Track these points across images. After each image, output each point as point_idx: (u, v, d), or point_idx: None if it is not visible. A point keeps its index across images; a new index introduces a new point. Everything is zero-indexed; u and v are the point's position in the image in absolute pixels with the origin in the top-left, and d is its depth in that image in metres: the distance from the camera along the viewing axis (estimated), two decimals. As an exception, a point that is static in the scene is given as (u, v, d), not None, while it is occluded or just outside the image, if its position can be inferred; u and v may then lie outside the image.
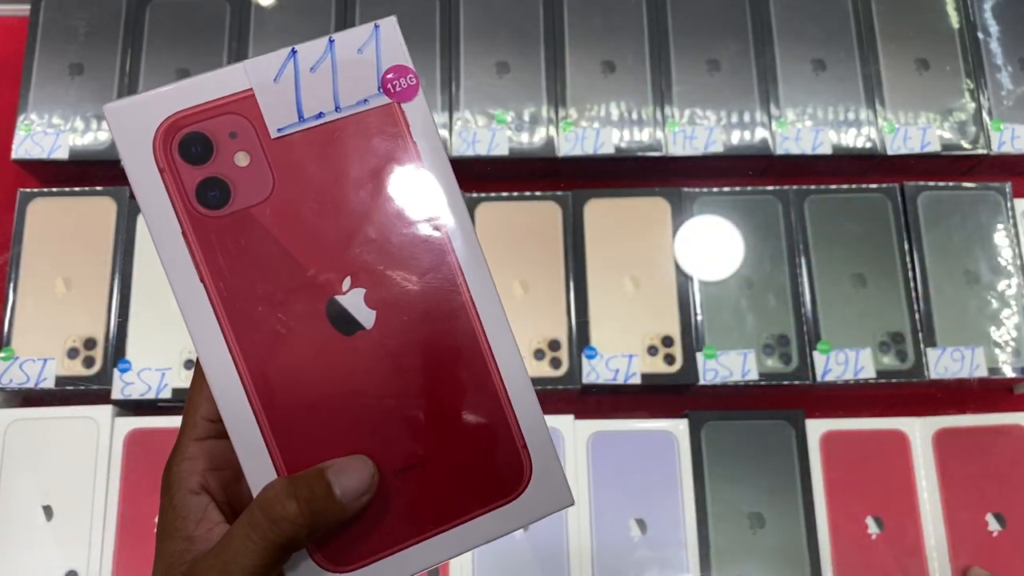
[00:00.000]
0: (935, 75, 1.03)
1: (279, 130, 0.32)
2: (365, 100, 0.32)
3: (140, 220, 0.96)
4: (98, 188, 0.97)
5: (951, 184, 0.99)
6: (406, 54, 0.32)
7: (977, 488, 0.89)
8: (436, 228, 0.32)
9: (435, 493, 0.32)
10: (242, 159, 0.31)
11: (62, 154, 0.98)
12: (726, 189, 0.98)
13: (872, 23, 1.04)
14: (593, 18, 1.03)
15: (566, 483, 0.33)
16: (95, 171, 1.00)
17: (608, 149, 0.98)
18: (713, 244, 0.95)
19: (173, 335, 0.93)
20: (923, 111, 1.01)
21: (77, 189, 0.97)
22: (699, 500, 0.87)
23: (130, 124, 0.31)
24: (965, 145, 1.00)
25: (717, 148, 0.99)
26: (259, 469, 0.32)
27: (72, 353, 0.92)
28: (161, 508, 0.33)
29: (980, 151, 1.00)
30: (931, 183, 0.98)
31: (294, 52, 0.31)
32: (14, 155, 0.97)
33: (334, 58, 0.32)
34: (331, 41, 0.31)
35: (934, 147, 1.00)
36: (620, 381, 0.90)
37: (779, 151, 0.99)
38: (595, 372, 0.90)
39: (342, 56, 0.32)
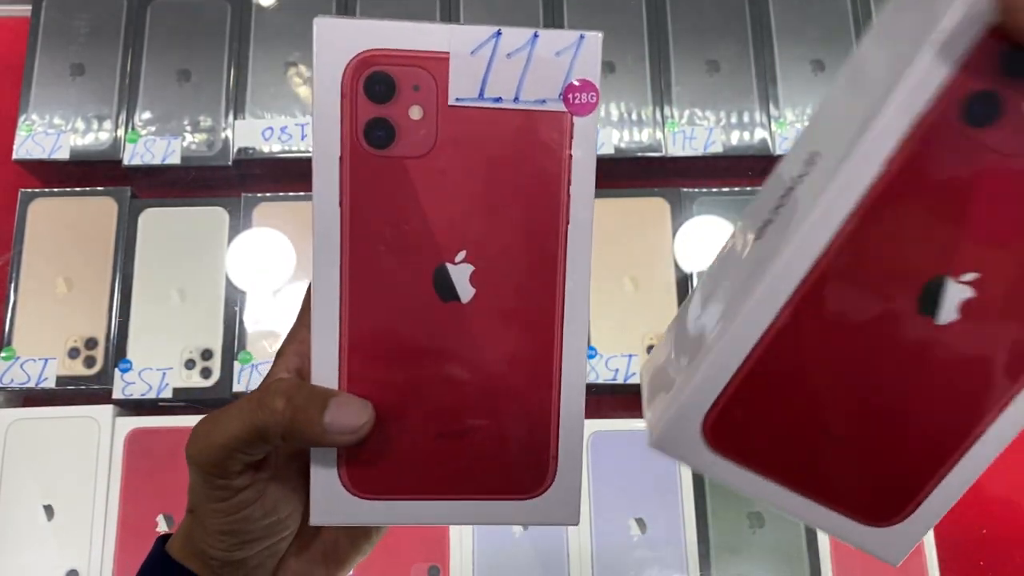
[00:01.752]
0: (934, 75, 1.03)
1: (457, 99, 0.33)
2: (543, 100, 0.33)
3: (140, 220, 0.97)
4: (99, 188, 0.97)
5: (950, 184, 0.99)
6: (598, 73, 0.33)
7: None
8: (555, 241, 0.34)
9: (465, 464, 0.35)
10: (416, 112, 0.33)
11: (63, 154, 0.98)
12: (726, 189, 0.98)
13: (872, 23, 1.05)
14: (593, 18, 1.04)
15: (578, 505, 0.35)
16: (96, 171, 1.00)
17: (608, 149, 0.98)
18: (713, 244, 0.96)
19: (174, 335, 0.93)
20: (922, 111, 1.01)
21: (78, 189, 0.97)
22: (699, 500, 0.88)
23: (333, 42, 0.32)
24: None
25: (717, 148, 0.99)
26: (325, 374, 0.34)
27: (73, 353, 0.92)
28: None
29: (979, 151, 1.00)
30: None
31: (499, 33, 0.32)
32: (15, 155, 0.97)
33: (532, 52, 0.33)
34: (535, 35, 0.33)
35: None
36: (620, 381, 0.90)
37: (779, 151, 0.99)
38: (595, 372, 0.90)
39: (540, 53, 0.33)
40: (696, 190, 0.98)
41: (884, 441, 0.32)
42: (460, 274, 0.34)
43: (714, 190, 0.98)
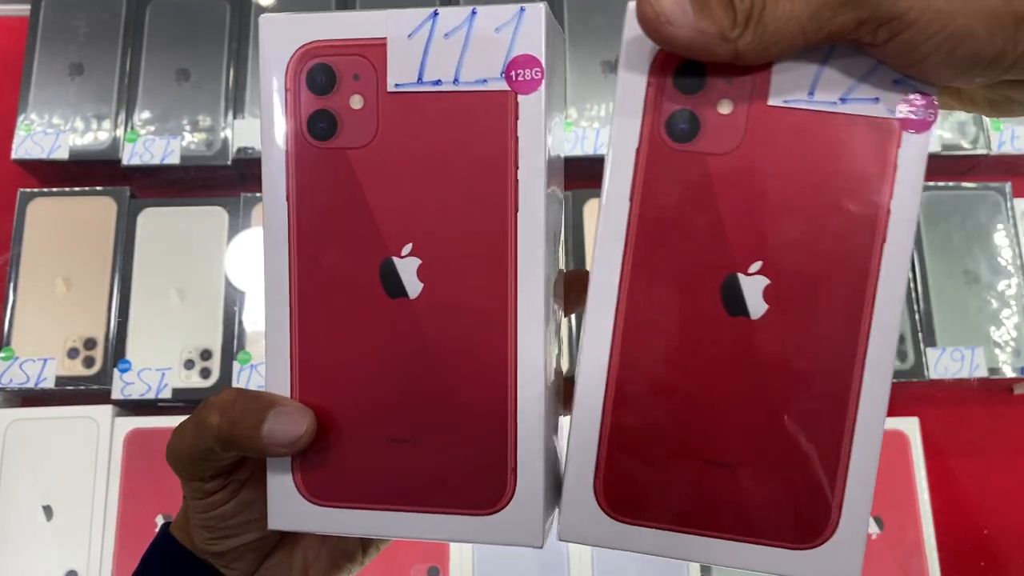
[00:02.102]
0: (935, 75, 1.03)
1: (396, 85, 0.32)
2: (484, 80, 0.31)
3: (140, 220, 0.97)
4: (98, 188, 0.97)
5: (951, 184, 0.99)
6: (542, 47, 0.31)
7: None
8: (503, 232, 0.32)
9: (419, 473, 0.33)
10: (356, 102, 0.32)
11: (62, 154, 0.97)
12: (726, 189, 0.98)
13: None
14: (593, 18, 1.03)
15: (541, 526, 0.32)
16: (95, 171, 1.00)
17: (606, 148, 0.98)
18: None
19: (173, 335, 0.93)
20: (923, 111, 1.01)
21: (77, 189, 0.97)
22: (699, 500, 0.87)
23: (277, 38, 0.32)
24: (965, 145, 1.00)
25: (717, 148, 0.99)
26: (277, 379, 0.33)
27: (72, 353, 0.92)
28: None
29: (980, 151, 1.00)
30: (931, 183, 0.98)
31: (435, 14, 0.31)
32: (14, 155, 0.97)
33: (470, 30, 0.31)
34: (473, 12, 0.31)
35: (934, 147, 0.99)
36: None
37: (779, 151, 0.99)
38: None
39: (479, 31, 0.31)
40: (696, 190, 0.98)
41: (768, 455, 0.31)
42: (407, 268, 0.32)
43: (714, 190, 0.98)
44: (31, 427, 0.89)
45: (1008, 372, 0.93)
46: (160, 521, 0.87)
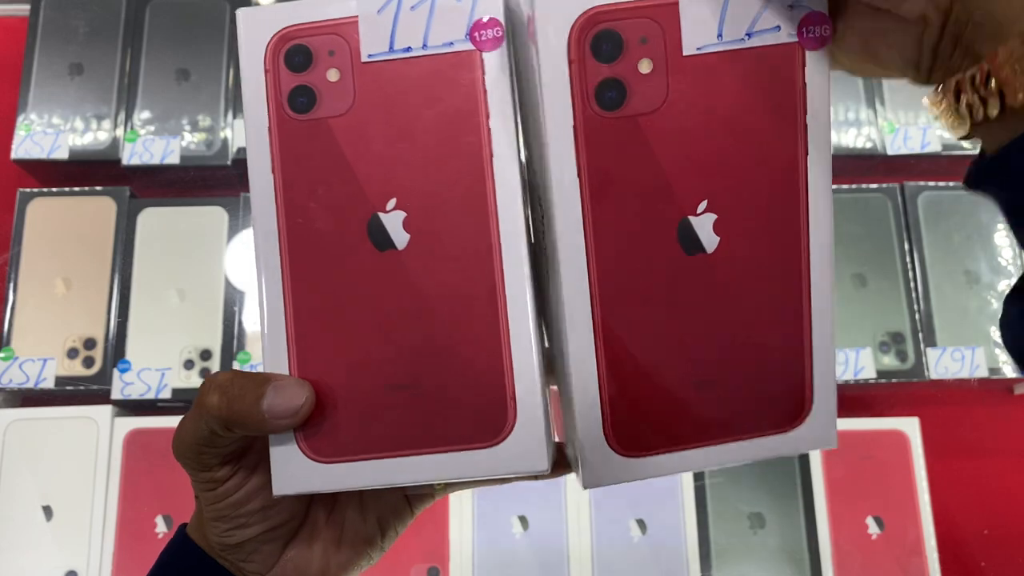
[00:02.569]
0: (935, 75, 1.03)
1: (369, 56, 0.34)
2: (451, 43, 0.34)
3: (140, 220, 0.96)
4: (98, 188, 0.97)
5: (951, 184, 0.99)
6: (500, 9, 0.34)
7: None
8: (482, 178, 0.34)
9: (421, 416, 0.34)
10: (333, 75, 0.34)
11: (62, 154, 0.97)
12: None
13: (872, 23, 1.04)
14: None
15: (545, 449, 0.34)
16: (94, 171, 1.00)
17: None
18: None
19: (173, 335, 0.93)
20: (923, 111, 1.01)
21: (77, 189, 0.97)
22: (699, 500, 0.87)
23: (254, 26, 0.35)
24: (966, 145, 1.00)
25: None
26: (275, 355, 0.34)
27: (72, 353, 0.92)
28: None
29: (980, 151, 1.00)
30: (931, 183, 0.98)
31: None
32: (14, 155, 0.97)
33: (434, 2, 0.34)
34: None
35: (934, 147, 1.00)
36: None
37: (779, 151, 0.99)
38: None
39: (441, 1, 0.34)
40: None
41: (745, 364, 0.34)
42: (393, 221, 0.34)
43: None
44: (31, 427, 0.89)
45: (1008, 372, 0.93)
46: (160, 521, 0.87)
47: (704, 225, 0.33)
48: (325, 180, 0.34)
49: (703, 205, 0.33)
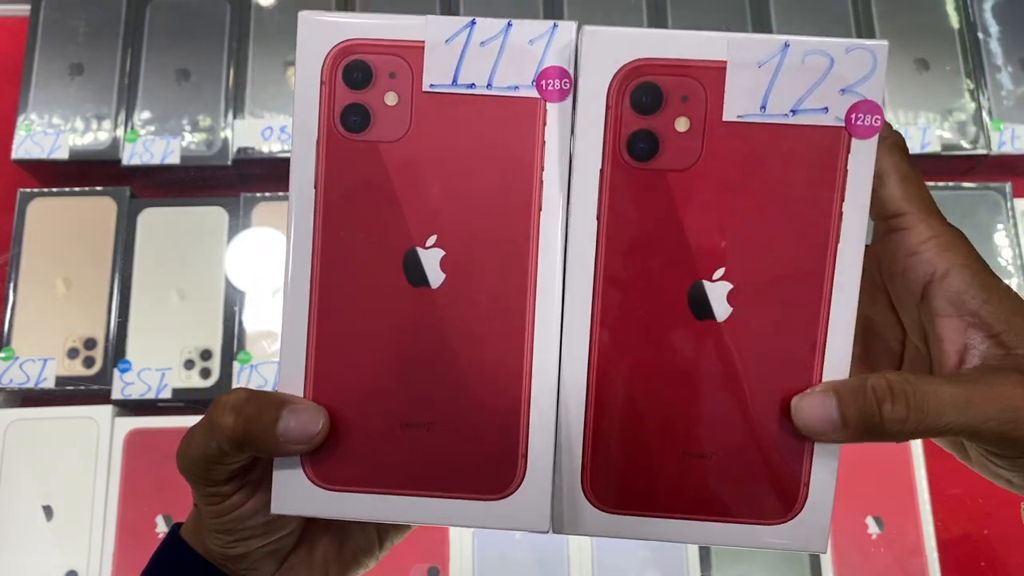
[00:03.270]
0: (935, 75, 1.03)
1: (431, 85, 0.33)
2: (516, 87, 0.33)
3: (140, 220, 0.96)
4: (98, 188, 0.97)
5: (951, 184, 0.99)
6: (571, 61, 0.33)
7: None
8: (526, 229, 0.33)
9: (431, 457, 0.34)
10: (391, 98, 0.34)
11: (62, 154, 0.97)
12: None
13: (872, 23, 1.04)
14: (593, 18, 1.03)
15: (549, 511, 0.34)
16: (95, 171, 1.00)
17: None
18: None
19: (173, 335, 0.93)
20: (923, 111, 1.01)
21: (77, 189, 0.97)
22: (699, 500, 0.87)
23: (315, 34, 0.34)
24: (965, 145, 1.00)
25: (717, 148, 0.99)
26: (291, 376, 0.34)
27: (72, 353, 0.92)
28: None
29: (980, 151, 1.00)
30: (931, 183, 0.98)
31: (473, 23, 0.33)
32: (14, 155, 0.97)
33: (505, 41, 0.33)
34: (509, 24, 0.33)
35: (934, 147, 1.00)
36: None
37: (779, 151, 0.99)
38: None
39: (513, 41, 0.33)
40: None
41: (740, 444, 0.33)
42: (430, 258, 0.33)
43: (714, 190, 0.98)
44: (31, 427, 0.89)
45: (1008, 372, 0.93)
46: (160, 521, 0.87)
47: (718, 292, 0.33)
48: (368, 205, 0.34)
49: (720, 272, 0.33)
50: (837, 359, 0.33)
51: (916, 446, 0.89)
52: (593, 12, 1.04)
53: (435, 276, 0.33)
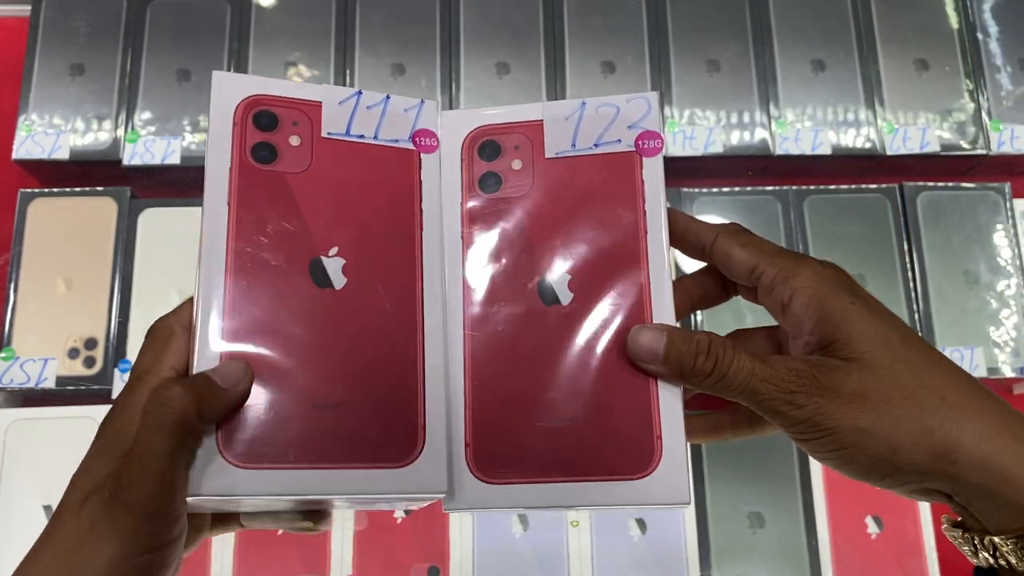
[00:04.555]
0: (934, 75, 1.03)
1: (328, 132, 0.42)
2: (396, 140, 0.43)
3: (140, 220, 0.97)
4: (98, 188, 0.97)
5: (950, 184, 0.99)
6: (436, 124, 0.44)
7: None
8: (412, 245, 0.41)
9: (341, 433, 0.38)
10: (295, 140, 0.41)
11: (63, 154, 0.98)
12: (725, 189, 0.98)
13: (872, 23, 1.05)
14: (593, 18, 1.04)
15: (446, 473, 0.39)
16: (95, 171, 1.00)
17: (608, 149, 0.98)
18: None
19: (173, 335, 0.93)
20: (922, 111, 1.02)
21: (77, 189, 0.97)
22: (699, 500, 0.87)
23: (226, 89, 0.41)
24: (964, 145, 1.00)
25: (716, 148, 0.99)
26: (207, 364, 0.37)
27: (73, 353, 0.92)
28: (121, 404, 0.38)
29: (979, 151, 1.00)
30: (930, 183, 0.99)
31: (359, 93, 0.42)
32: (15, 155, 0.97)
33: (386, 107, 0.43)
34: (387, 97, 0.43)
35: (933, 147, 1.00)
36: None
37: (778, 151, 0.99)
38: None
39: (392, 109, 0.43)
40: (696, 190, 0.98)
41: (596, 406, 0.39)
42: (333, 265, 0.40)
43: (714, 190, 0.98)
44: (31, 427, 0.89)
45: (1008, 372, 0.93)
46: (161, 521, 0.87)
47: (562, 284, 0.41)
48: (276, 220, 0.40)
49: (560, 268, 0.41)
50: (663, 316, 0.40)
51: (916, 446, 0.89)
52: (593, 14, 1.04)
53: (338, 279, 0.40)
